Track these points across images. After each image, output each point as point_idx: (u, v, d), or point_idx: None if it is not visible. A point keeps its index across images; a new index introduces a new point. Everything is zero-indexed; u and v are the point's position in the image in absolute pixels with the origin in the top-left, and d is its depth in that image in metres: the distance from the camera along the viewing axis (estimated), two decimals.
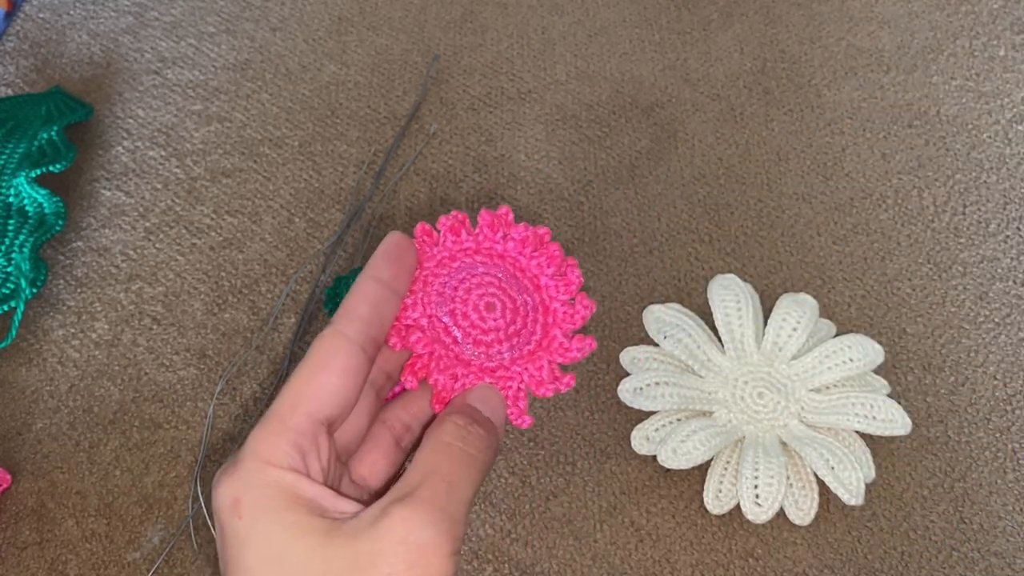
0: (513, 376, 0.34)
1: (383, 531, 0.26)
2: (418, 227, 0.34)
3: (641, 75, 0.67)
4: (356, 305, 0.31)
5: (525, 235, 0.33)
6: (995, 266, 0.57)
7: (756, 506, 0.47)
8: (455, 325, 0.33)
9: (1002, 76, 0.66)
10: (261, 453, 0.28)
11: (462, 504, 0.28)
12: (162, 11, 0.72)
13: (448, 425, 0.30)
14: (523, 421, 0.34)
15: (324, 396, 0.29)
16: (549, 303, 0.33)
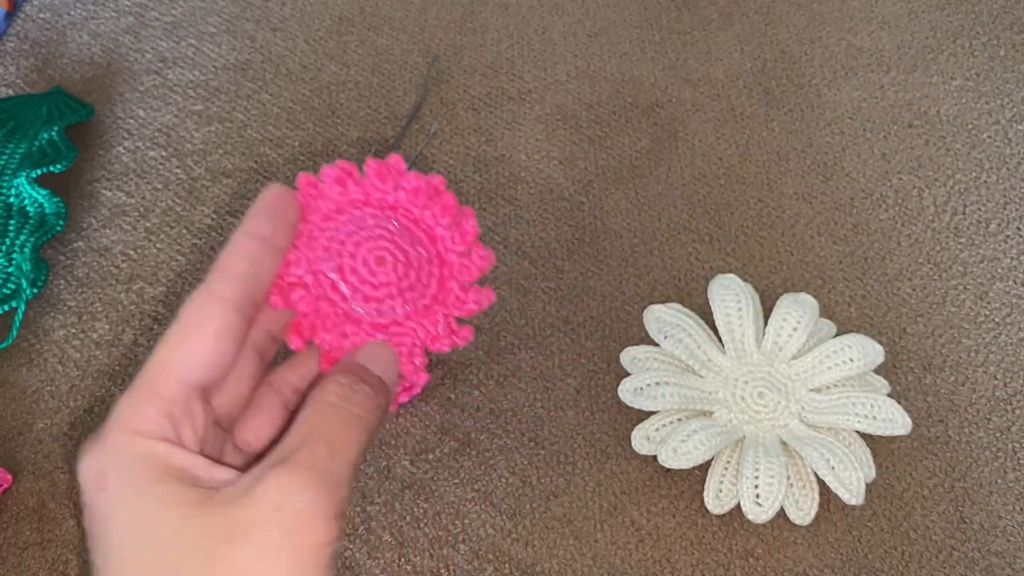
0: (407, 332, 0.32)
1: (258, 497, 0.25)
2: (300, 177, 0.32)
3: (641, 75, 0.67)
4: (231, 262, 0.28)
5: (417, 184, 0.32)
6: (995, 266, 0.57)
7: (756, 506, 0.47)
8: (343, 281, 0.31)
9: (1002, 76, 0.66)
10: (127, 423, 0.26)
11: (345, 466, 0.26)
12: (163, 11, 0.72)
13: (331, 384, 0.28)
14: (419, 378, 0.32)
15: (196, 360, 0.27)
16: (445, 255, 0.32)
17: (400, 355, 0.32)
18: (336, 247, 0.31)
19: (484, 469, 0.50)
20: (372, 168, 0.32)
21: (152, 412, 0.26)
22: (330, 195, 0.32)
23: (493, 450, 0.51)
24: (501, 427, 0.52)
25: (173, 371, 0.27)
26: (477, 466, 0.51)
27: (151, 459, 0.26)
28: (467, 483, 0.50)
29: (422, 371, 0.32)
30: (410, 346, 0.32)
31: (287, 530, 0.24)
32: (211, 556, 0.24)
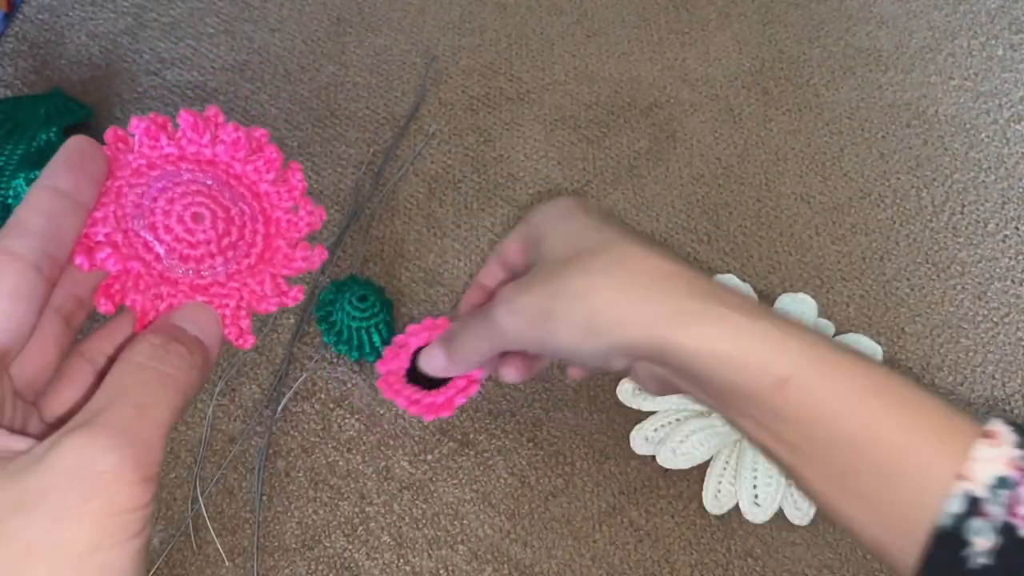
0: (230, 293, 0.30)
1: (51, 462, 0.23)
2: (108, 131, 0.30)
3: (640, 75, 0.67)
4: (27, 217, 0.26)
5: (236, 136, 0.30)
6: (994, 265, 0.57)
7: (755, 506, 0.47)
8: (156, 240, 0.29)
9: (1000, 76, 0.66)
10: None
11: (155, 427, 0.24)
12: (161, 12, 0.72)
13: (141, 344, 0.26)
14: (244, 341, 0.30)
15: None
16: (271, 212, 0.31)
17: (223, 318, 0.30)
18: (148, 204, 0.29)
19: (483, 470, 0.50)
20: (186, 120, 0.29)
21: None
22: (140, 150, 0.29)
23: (492, 451, 0.51)
24: (500, 428, 0.52)
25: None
26: (476, 467, 0.51)
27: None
28: (466, 484, 0.50)
29: (248, 334, 0.31)
30: (234, 308, 0.31)
31: (86, 494, 0.22)
32: (2, 530, 0.22)
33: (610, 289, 0.33)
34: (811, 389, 0.30)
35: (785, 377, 0.30)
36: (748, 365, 0.31)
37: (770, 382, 0.31)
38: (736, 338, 0.31)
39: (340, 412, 0.53)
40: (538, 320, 0.34)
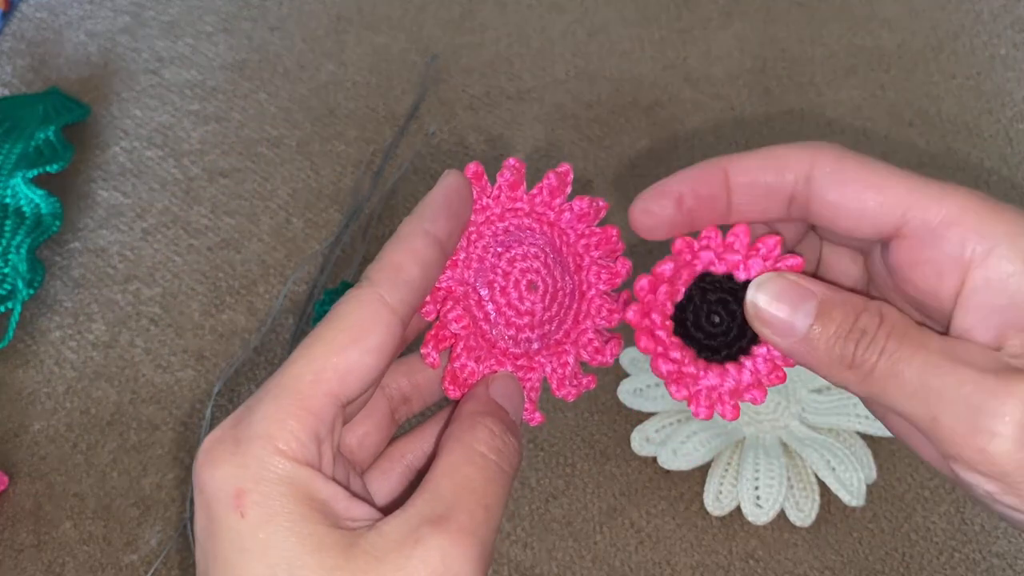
0: (535, 367, 0.29)
1: (419, 563, 0.22)
2: (471, 167, 0.28)
3: (641, 74, 0.67)
4: (405, 264, 0.25)
5: (585, 210, 0.29)
6: None
7: (757, 507, 0.47)
8: (491, 300, 0.28)
9: (1003, 75, 0.66)
10: (273, 437, 0.23)
11: (496, 530, 0.24)
12: (159, 10, 0.71)
13: (482, 432, 0.25)
14: (534, 418, 0.29)
15: (353, 377, 0.24)
16: (587, 291, 0.29)
17: None
18: (491, 260, 0.28)
19: None
20: (549, 182, 0.28)
21: (300, 429, 0.23)
22: (500, 198, 0.28)
23: None
24: None
25: (325, 383, 0.24)
26: None
27: (297, 488, 0.23)
28: None
29: (537, 411, 0.29)
30: (533, 383, 0.29)
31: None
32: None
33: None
34: None
35: None
36: None
37: None
38: None
39: None
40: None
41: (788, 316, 0.24)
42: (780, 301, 0.25)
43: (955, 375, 0.22)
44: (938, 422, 0.22)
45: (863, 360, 0.23)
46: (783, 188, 0.26)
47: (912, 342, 0.23)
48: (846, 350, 0.24)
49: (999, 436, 0.21)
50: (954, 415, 0.22)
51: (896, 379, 0.23)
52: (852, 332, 0.24)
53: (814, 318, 0.24)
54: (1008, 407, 0.21)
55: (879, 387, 0.23)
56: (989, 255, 0.23)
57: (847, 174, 0.25)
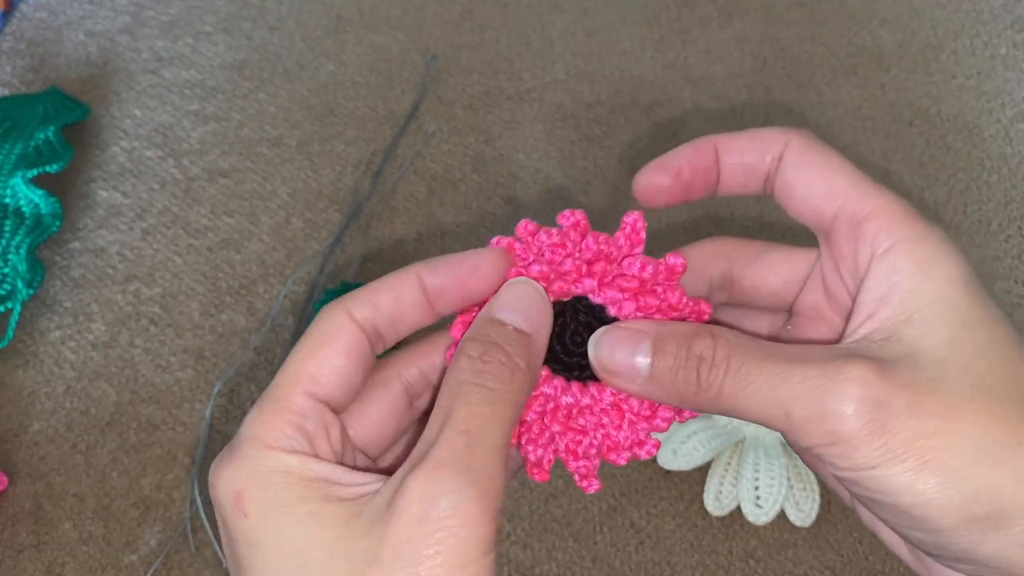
0: (589, 427, 0.28)
1: (400, 512, 0.22)
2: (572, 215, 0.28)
3: (641, 74, 0.67)
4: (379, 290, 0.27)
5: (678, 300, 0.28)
6: (996, 265, 0.57)
7: (757, 507, 0.47)
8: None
9: (1003, 75, 0.65)
10: (260, 437, 0.24)
11: (490, 454, 0.23)
12: (159, 10, 0.71)
13: (461, 360, 0.25)
14: (589, 484, 0.28)
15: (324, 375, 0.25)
16: None
17: (573, 454, 0.28)
18: None
19: None
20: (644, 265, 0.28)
21: (283, 425, 0.25)
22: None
23: None
24: None
25: (300, 384, 0.25)
26: None
27: (289, 474, 0.24)
28: None
29: (594, 477, 0.28)
30: (587, 446, 0.28)
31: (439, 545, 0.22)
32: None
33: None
34: None
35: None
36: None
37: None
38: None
39: None
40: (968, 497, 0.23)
41: (628, 363, 0.26)
42: (617, 351, 0.26)
43: (799, 373, 0.24)
44: (791, 417, 0.24)
45: (709, 383, 0.25)
46: (762, 166, 0.28)
47: (753, 355, 0.25)
48: (689, 377, 0.25)
49: (845, 416, 0.23)
50: (804, 408, 0.24)
51: (746, 391, 0.24)
52: (690, 359, 0.25)
53: (651, 356, 0.25)
54: (847, 388, 0.23)
55: (731, 403, 0.25)
56: (888, 252, 0.25)
57: (806, 159, 0.27)
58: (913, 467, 0.23)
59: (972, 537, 0.23)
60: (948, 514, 0.23)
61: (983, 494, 0.23)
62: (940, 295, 0.25)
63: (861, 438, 0.23)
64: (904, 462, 0.23)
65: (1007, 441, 0.23)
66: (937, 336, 0.24)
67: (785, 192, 0.28)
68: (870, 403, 0.23)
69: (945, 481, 0.23)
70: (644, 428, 0.28)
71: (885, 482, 0.23)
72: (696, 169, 0.29)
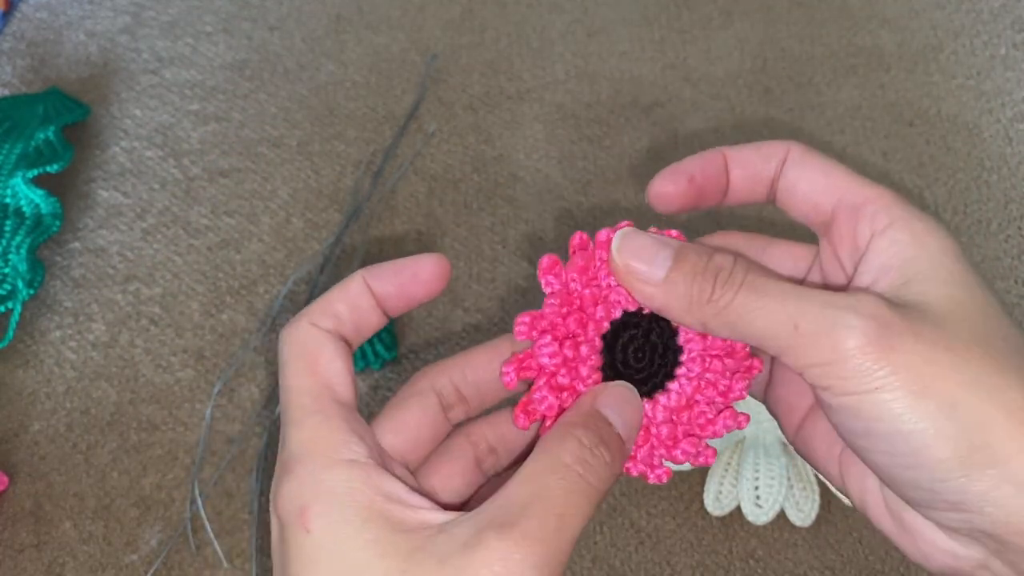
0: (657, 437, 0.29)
1: (477, 565, 0.22)
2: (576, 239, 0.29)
3: (641, 74, 0.67)
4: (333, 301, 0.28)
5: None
6: (996, 265, 0.57)
7: (757, 507, 0.47)
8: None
9: (1003, 75, 0.65)
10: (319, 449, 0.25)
11: (569, 542, 0.24)
12: (159, 11, 0.71)
13: (571, 442, 0.25)
14: (659, 476, 0.29)
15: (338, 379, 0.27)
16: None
17: (638, 455, 0.28)
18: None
19: None
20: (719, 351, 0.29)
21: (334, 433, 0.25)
22: None
23: None
24: None
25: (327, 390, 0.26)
26: None
27: (354, 492, 0.24)
28: None
29: (661, 468, 0.29)
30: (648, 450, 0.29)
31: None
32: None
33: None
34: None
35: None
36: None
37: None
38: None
39: None
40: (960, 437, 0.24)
41: (648, 265, 0.27)
42: (640, 253, 0.27)
43: (812, 293, 0.25)
44: (799, 329, 0.25)
45: (722, 292, 0.26)
46: (767, 175, 0.30)
47: (769, 274, 0.26)
48: (704, 286, 0.26)
49: (852, 329, 0.24)
50: (812, 322, 0.25)
51: (757, 302, 0.25)
52: (708, 270, 0.26)
53: (672, 261, 0.27)
54: (858, 306, 0.24)
55: (739, 314, 0.26)
56: (887, 228, 0.27)
57: (806, 161, 0.30)
58: (915, 391, 0.24)
59: (966, 472, 0.23)
60: (945, 444, 0.23)
61: (978, 426, 0.23)
62: (937, 262, 0.26)
63: (866, 354, 0.24)
64: (905, 385, 0.24)
65: (1001, 381, 0.24)
66: (937, 292, 0.25)
67: (787, 192, 0.30)
68: (878, 321, 0.24)
69: (943, 408, 0.23)
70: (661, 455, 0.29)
71: (885, 407, 0.24)
72: (707, 176, 0.31)
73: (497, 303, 0.56)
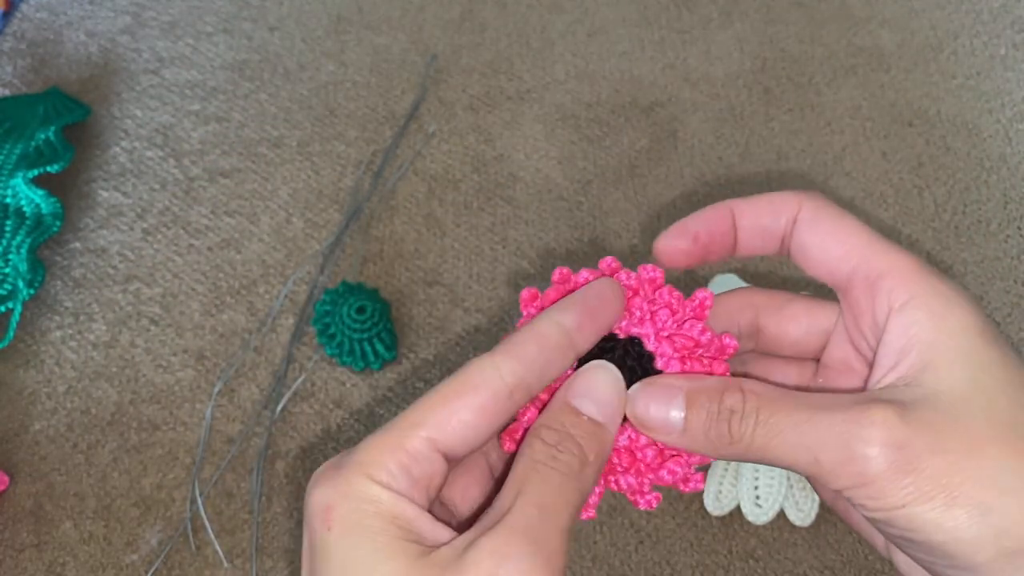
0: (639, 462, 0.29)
1: (470, 565, 0.24)
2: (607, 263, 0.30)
3: (641, 74, 0.67)
4: (524, 342, 0.27)
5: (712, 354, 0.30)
6: (996, 265, 0.57)
7: (756, 507, 0.47)
8: None
9: (1003, 75, 0.66)
10: (366, 466, 0.26)
11: (558, 531, 0.25)
12: (160, 11, 0.71)
13: (536, 444, 0.26)
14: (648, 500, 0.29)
15: (452, 427, 0.26)
16: None
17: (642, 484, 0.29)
18: None
19: None
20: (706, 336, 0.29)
21: (392, 462, 0.26)
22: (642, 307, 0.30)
23: None
24: None
25: (424, 428, 0.26)
26: None
27: (379, 507, 0.25)
28: None
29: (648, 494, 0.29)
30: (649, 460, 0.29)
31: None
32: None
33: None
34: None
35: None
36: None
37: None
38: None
39: (339, 413, 0.52)
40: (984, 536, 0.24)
41: (663, 416, 0.27)
42: (652, 406, 0.28)
43: (825, 420, 0.25)
44: (820, 462, 0.25)
45: (741, 434, 0.26)
46: (777, 229, 0.30)
47: (781, 405, 0.26)
48: (721, 430, 0.27)
49: (871, 459, 0.24)
50: (831, 452, 0.25)
51: (776, 439, 0.26)
52: (721, 413, 0.27)
53: (685, 410, 0.27)
54: (870, 432, 0.24)
55: (762, 452, 0.26)
56: (905, 306, 0.27)
57: (819, 221, 0.29)
58: (942, 503, 0.24)
59: (1008, 572, 0.24)
60: (981, 548, 0.24)
61: (1013, 527, 0.24)
62: (956, 343, 0.26)
63: (887, 478, 0.24)
64: (932, 499, 0.24)
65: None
66: (955, 378, 0.25)
67: (801, 253, 0.29)
68: (892, 445, 0.24)
69: (974, 515, 0.24)
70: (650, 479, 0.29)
71: (916, 520, 0.24)
72: (713, 233, 0.30)
73: (497, 303, 0.56)
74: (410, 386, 0.53)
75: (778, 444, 0.26)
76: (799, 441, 0.25)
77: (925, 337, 0.26)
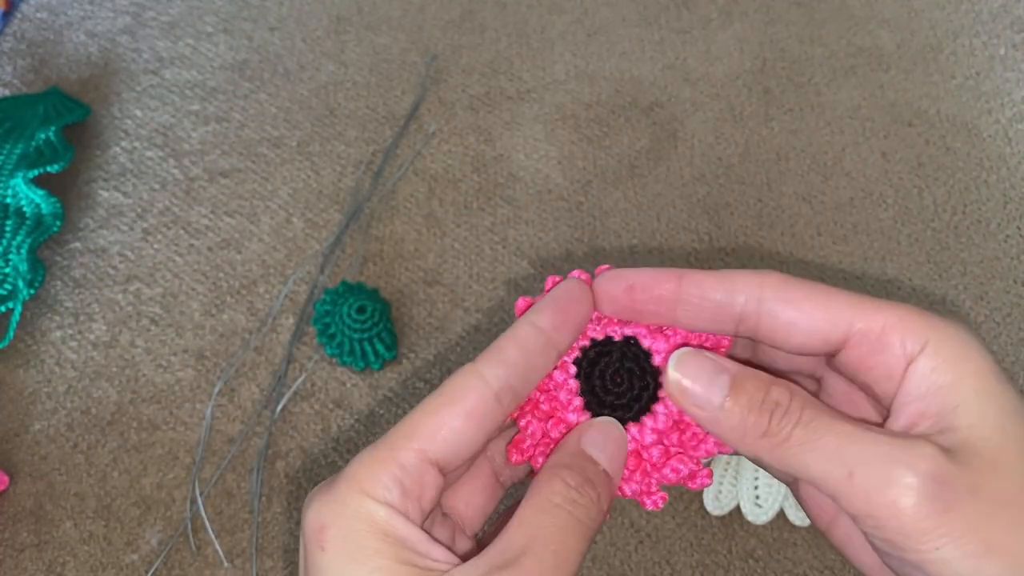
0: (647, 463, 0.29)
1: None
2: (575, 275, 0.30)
3: (641, 74, 0.67)
4: (505, 347, 0.27)
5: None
6: (996, 265, 0.57)
7: (756, 507, 0.47)
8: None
9: (1002, 75, 0.66)
10: (359, 481, 0.26)
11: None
12: (160, 11, 0.71)
13: (557, 484, 0.26)
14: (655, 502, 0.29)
15: (441, 436, 0.26)
16: None
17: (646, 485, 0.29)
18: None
19: None
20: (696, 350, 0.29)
21: (385, 475, 0.26)
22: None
23: None
24: None
25: (416, 440, 0.26)
26: None
27: (373, 525, 0.25)
28: None
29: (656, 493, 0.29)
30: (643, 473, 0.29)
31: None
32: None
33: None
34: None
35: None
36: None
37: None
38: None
39: (340, 413, 0.52)
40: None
41: (705, 389, 0.27)
42: (697, 375, 0.27)
43: (870, 437, 0.25)
44: (854, 477, 0.24)
45: (779, 429, 0.26)
46: (732, 307, 0.28)
47: (826, 412, 0.26)
48: (760, 420, 0.26)
49: (910, 488, 0.24)
50: (869, 471, 0.24)
51: (813, 443, 0.25)
52: (765, 404, 0.26)
53: (728, 390, 0.26)
54: (917, 461, 0.24)
55: (795, 453, 0.26)
56: (920, 354, 0.26)
57: (794, 295, 0.28)
58: (976, 552, 0.23)
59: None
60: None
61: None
62: (978, 387, 0.25)
63: (922, 512, 0.24)
64: (967, 546, 0.23)
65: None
66: (987, 424, 0.25)
67: (783, 332, 0.28)
68: (936, 479, 0.24)
69: (1007, 568, 0.23)
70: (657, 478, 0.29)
71: (946, 566, 0.24)
72: (648, 293, 0.29)
73: (497, 303, 0.56)
74: (410, 386, 0.53)
75: (814, 448, 0.25)
76: (837, 451, 0.25)
77: (946, 382, 0.26)
